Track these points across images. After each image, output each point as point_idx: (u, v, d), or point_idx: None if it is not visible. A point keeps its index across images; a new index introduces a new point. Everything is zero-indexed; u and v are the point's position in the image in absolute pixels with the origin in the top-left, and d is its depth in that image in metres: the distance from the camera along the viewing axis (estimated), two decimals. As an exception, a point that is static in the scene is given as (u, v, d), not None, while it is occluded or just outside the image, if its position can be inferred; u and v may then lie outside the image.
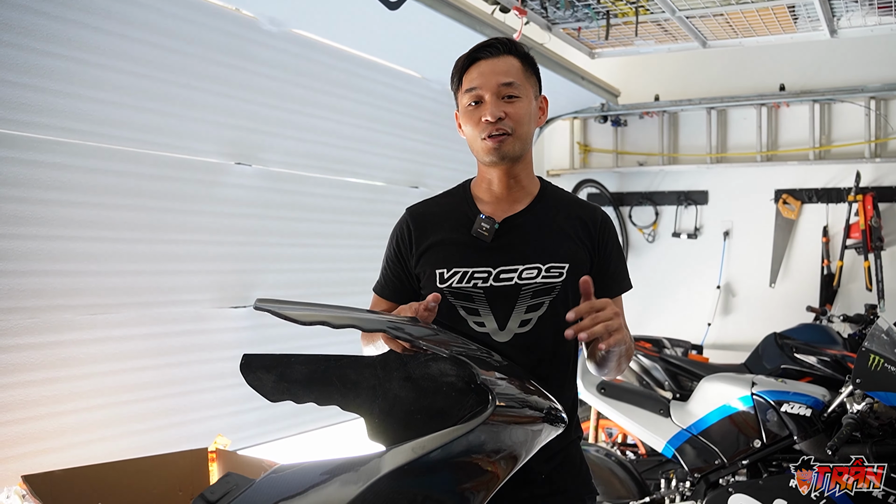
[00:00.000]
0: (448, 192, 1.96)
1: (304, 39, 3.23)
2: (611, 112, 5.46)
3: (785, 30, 3.95)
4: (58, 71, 2.38)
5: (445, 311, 1.77)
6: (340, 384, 1.55)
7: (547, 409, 1.44)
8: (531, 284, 1.77)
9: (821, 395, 3.06)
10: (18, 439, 2.34)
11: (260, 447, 3.12)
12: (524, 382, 1.48)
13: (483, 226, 1.79)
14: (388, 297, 1.91)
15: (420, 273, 1.84)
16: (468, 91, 1.77)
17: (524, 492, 1.74)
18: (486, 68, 1.77)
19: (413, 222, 1.88)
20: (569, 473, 1.83)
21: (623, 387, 3.51)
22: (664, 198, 5.60)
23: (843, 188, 4.95)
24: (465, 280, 1.78)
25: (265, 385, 1.52)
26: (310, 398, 1.54)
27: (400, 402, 1.57)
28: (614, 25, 3.83)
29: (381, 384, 1.58)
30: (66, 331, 2.47)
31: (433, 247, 1.83)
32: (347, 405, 1.57)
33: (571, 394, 1.85)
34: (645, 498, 3.31)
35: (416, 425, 1.54)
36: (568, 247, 1.81)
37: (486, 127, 1.74)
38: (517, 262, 1.78)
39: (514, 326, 1.76)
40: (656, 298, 5.57)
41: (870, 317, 4.07)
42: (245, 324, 3.10)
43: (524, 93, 1.78)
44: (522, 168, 1.85)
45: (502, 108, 1.74)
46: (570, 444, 1.85)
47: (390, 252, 1.91)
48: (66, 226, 2.47)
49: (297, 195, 3.39)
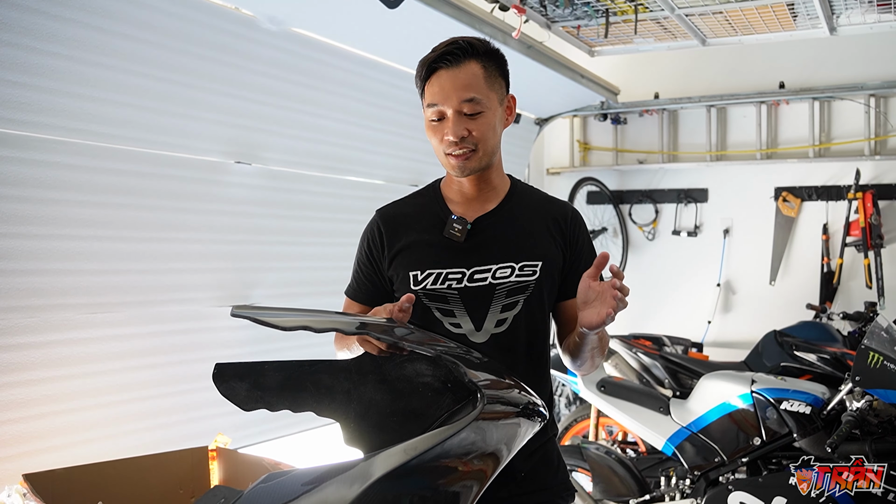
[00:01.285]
0: (418, 193, 1.94)
1: (303, 38, 3.23)
2: (610, 110, 5.45)
3: (784, 27, 3.95)
4: (57, 70, 2.38)
5: (420, 313, 1.77)
6: (314, 389, 1.54)
7: (531, 405, 1.44)
8: (505, 283, 1.76)
9: (820, 392, 3.07)
10: (19, 438, 2.34)
11: (261, 445, 3.12)
12: (505, 379, 1.48)
13: (455, 227, 1.78)
14: (360, 300, 1.90)
15: (393, 276, 1.83)
16: (429, 106, 1.73)
17: (503, 491, 1.74)
18: (446, 82, 1.70)
19: (384, 224, 1.86)
20: (548, 471, 1.84)
21: (623, 384, 3.52)
22: (664, 196, 5.60)
23: (842, 186, 4.95)
24: (440, 281, 1.77)
25: (238, 394, 1.51)
26: (283, 405, 1.52)
27: (375, 406, 1.56)
28: (614, 23, 3.83)
29: (356, 388, 1.56)
30: (66, 330, 2.48)
31: (405, 249, 1.82)
32: (322, 411, 1.56)
33: (547, 391, 1.86)
34: (645, 496, 3.31)
35: (392, 428, 1.54)
36: (540, 244, 1.81)
37: (450, 145, 1.71)
38: (490, 261, 1.77)
39: (491, 327, 1.76)
40: (656, 296, 5.58)
41: (869, 314, 4.07)
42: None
43: (487, 105, 1.72)
44: (493, 171, 1.82)
45: (465, 126, 1.70)
46: (548, 442, 1.85)
47: (361, 255, 1.90)
48: (66, 225, 2.47)
49: (298, 194, 3.39)
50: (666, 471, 3.42)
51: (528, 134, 5.31)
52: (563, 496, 1.86)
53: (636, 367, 4.01)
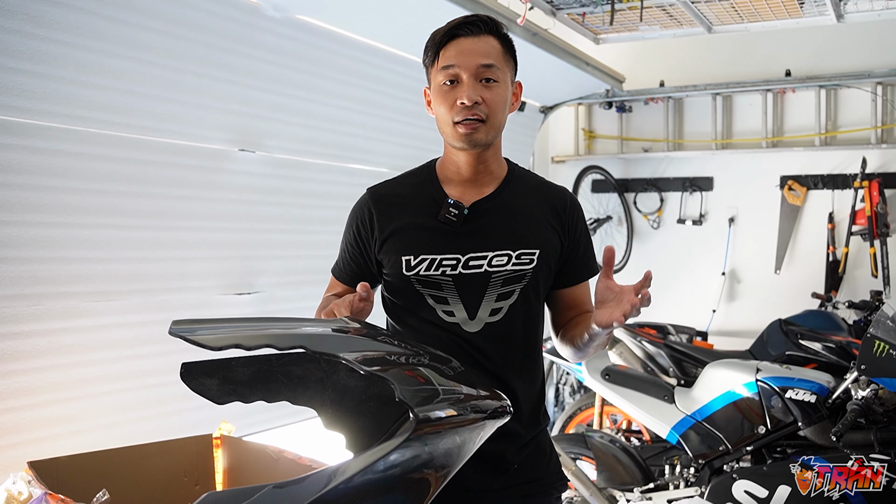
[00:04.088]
0: (411, 173, 1.88)
1: (307, 25, 3.22)
2: (615, 98, 5.43)
3: (791, 15, 3.92)
4: (60, 57, 2.37)
5: (413, 299, 1.73)
6: (287, 380, 1.52)
7: (491, 410, 1.39)
8: (501, 272, 1.72)
9: (825, 381, 3.06)
10: (24, 426, 2.35)
11: (265, 433, 3.12)
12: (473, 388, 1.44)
13: (452, 211, 1.72)
14: (345, 280, 1.86)
15: (383, 259, 1.78)
16: (445, 68, 1.68)
17: (497, 482, 1.73)
18: (465, 46, 1.68)
19: (375, 205, 1.81)
20: (540, 461, 1.82)
21: (628, 373, 3.51)
22: (669, 184, 5.58)
23: (848, 174, 4.93)
24: (434, 267, 1.71)
25: (209, 389, 1.49)
26: (257, 397, 1.51)
27: (350, 392, 1.54)
28: (619, 11, 3.81)
29: (328, 376, 1.54)
30: (70, 318, 2.48)
31: (398, 231, 1.76)
32: (297, 399, 1.54)
33: (540, 381, 1.83)
34: (649, 484, 3.31)
35: (370, 412, 1.52)
36: (538, 232, 1.76)
37: (461, 111, 1.67)
38: (487, 248, 1.72)
39: (485, 316, 1.71)
40: (661, 285, 5.55)
41: (875, 303, 4.06)
42: (250, 310, 3.11)
43: (502, 77, 1.70)
44: (492, 153, 1.78)
45: (479, 92, 1.67)
46: (540, 433, 1.83)
47: (349, 235, 1.85)
48: (69, 213, 2.46)
49: (301, 182, 3.38)
50: (670, 459, 3.42)
51: (533, 122, 5.29)
52: (556, 486, 1.85)
53: (641, 355, 4.01)
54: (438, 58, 1.70)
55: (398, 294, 1.78)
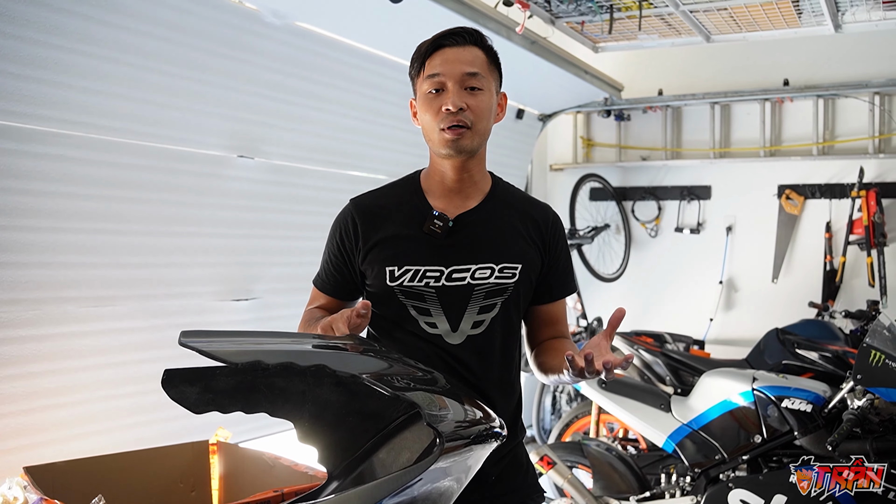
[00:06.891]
0: (395, 184, 1.89)
1: (306, 32, 3.23)
2: (614, 106, 5.44)
3: (789, 24, 3.93)
4: (60, 63, 2.37)
5: (396, 310, 1.74)
6: (268, 392, 1.52)
7: (487, 430, 1.43)
8: (484, 285, 1.73)
9: (822, 390, 3.06)
10: (20, 431, 2.34)
11: (261, 440, 3.12)
12: (468, 406, 1.47)
13: (436, 223, 1.73)
14: (328, 291, 1.86)
15: (367, 269, 1.78)
16: (430, 77, 1.72)
17: (475, 494, 1.70)
18: (451, 56, 1.71)
19: (360, 215, 1.81)
20: (517, 473, 1.83)
21: (624, 381, 3.51)
22: (667, 193, 5.59)
23: (846, 184, 4.94)
24: (417, 279, 1.72)
25: (188, 398, 1.48)
26: (236, 407, 1.50)
27: (331, 406, 1.53)
28: (618, 19, 3.82)
29: (311, 390, 1.54)
30: (67, 323, 2.48)
31: (382, 242, 1.77)
32: (275, 411, 1.54)
33: (517, 394, 1.85)
34: (645, 493, 3.31)
35: (349, 427, 1.53)
36: (521, 246, 1.78)
37: (446, 117, 1.69)
38: (470, 261, 1.73)
39: (467, 328, 1.72)
40: (658, 293, 5.57)
41: (872, 313, 4.06)
42: (248, 316, 3.11)
43: (487, 86, 1.72)
44: (476, 163, 1.79)
45: (464, 99, 1.68)
46: (517, 445, 1.85)
47: (332, 245, 1.85)
48: (68, 218, 2.47)
49: (300, 188, 3.39)
50: (666, 468, 3.42)
51: (532, 130, 5.31)
52: (533, 497, 1.86)
53: (638, 363, 4.01)
54: (424, 67, 1.74)
55: (381, 305, 1.77)
